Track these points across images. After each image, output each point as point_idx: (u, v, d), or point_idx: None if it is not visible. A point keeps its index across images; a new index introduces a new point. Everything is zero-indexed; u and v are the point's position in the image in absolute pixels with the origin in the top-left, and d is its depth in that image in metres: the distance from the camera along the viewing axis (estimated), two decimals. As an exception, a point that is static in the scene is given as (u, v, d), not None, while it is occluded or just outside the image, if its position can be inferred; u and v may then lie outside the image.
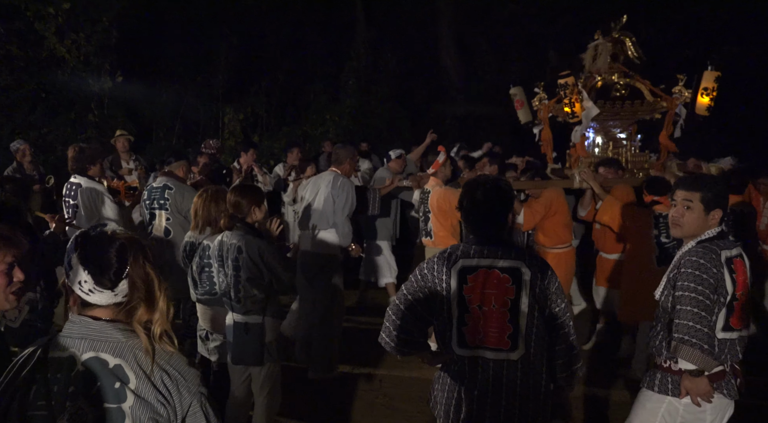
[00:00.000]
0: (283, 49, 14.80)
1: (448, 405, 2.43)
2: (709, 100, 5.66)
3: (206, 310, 3.85)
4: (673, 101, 5.74)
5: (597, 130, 6.09)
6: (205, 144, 7.42)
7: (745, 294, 2.63)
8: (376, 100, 14.70)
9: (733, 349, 2.62)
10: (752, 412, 3.95)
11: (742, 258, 2.65)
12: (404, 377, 4.98)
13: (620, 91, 5.87)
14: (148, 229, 5.08)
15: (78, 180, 5.14)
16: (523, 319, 2.33)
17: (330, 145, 10.69)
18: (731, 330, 2.61)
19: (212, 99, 13.63)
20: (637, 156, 5.98)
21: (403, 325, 2.43)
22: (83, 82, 10.76)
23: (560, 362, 2.42)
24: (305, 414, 4.39)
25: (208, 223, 3.86)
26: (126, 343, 1.58)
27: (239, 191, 3.58)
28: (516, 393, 2.34)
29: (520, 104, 6.24)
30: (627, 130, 6.07)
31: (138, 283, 1.60)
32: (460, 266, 2.38)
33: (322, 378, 4.95)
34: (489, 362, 2.36)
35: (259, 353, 3.45)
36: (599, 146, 6.09)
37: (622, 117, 5.94)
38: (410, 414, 4.38)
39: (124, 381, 1.55)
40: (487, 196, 2.42)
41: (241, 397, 3.67)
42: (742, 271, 2.62)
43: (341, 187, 5.04)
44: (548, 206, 5.32)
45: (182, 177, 5.22)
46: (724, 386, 2.60)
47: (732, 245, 2.66)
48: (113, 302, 1.60)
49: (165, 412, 1.58)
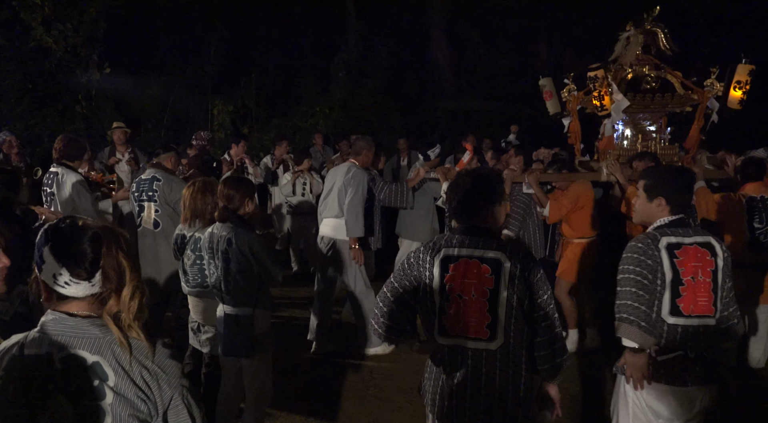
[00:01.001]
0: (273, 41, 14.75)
1: (434, 393, 2.46)
2: (742, 94, 5.60)
3: (197, 302, 3.85)
4: (704, 94, 5.68)
5: (626, 122, 6.01)
6: (197, 135, 7.38)
7: (704, 281, 2.64)
8: (367, 92, 14.69)
9: (690, 335, 2.64)
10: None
11: (705, 247, 2.67)
12: (394, 368, 5.00)
13: (651, 83, 5.80)
14: (137, 221, 5.06)
15: (57, 169, 5.10)
16: (503, 310, 2.34)
17: (320, 138, 10.69)
18: (682, 315, 2.63)
19: (202, 91, 13.57)
20: (666, 149, 5.91)
21: (391, 313, 2.45)
22: (71, 74, 10.67)
23: (542, 354, 2.39)
24: (296, 405, 4.40)
25: (197, 215, 3.84)
26: (103, 338, 1.56)
27: (232, 183, 3.56)
28: (495, 382, 2.36)
29: (549, 95, 6.18)
30: (657, 122, 6.00)
31: (110, 273, 1.56)
32: (442, 255, 2.41)
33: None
34: (468, 351, 2.38)
35: (249, 345, 3.45)
36: (628, 139, 6.02)
37: (653, 110, 5.87)
38: (400, 405, 4.40)
39: (103, 378, 1.53)
40: (471, 187, 2.45)
41: (232, 389, 3.68)
42: (693, 258, 2.64)
43: (353, 178, 5.17)
44: (575, 200, 5.29)
45: (171, 168, 5.20)
46: (684, 373, 2.63)
47: (693, 233, 2.70)
48: (90, 293, 1.57)
49: (145, 408, 1.56)
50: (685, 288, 2.62)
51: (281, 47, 14.75)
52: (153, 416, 1.58)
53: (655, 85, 5.79)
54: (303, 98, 14.36)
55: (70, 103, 10.87)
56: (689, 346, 2.63)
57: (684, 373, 2.63)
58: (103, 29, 10.90)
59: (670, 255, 2.64)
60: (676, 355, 2.64)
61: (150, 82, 12.86)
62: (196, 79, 13.57)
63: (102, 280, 1.57)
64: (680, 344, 2.64)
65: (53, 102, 10.73)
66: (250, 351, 3.46)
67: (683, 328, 2.63)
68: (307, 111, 13.99)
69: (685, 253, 2.65)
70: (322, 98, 14.15)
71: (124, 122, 8.34)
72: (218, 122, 13.22)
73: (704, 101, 5.71)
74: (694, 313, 2.63)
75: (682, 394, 2.65)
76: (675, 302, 2.63)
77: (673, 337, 2.64)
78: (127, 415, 1.53)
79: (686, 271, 2.63)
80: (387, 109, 14.87)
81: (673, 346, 2.64)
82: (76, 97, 10.92)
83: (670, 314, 2.63)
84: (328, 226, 5.36)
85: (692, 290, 2.62)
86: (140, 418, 1.56)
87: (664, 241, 2.66)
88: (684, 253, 2.65)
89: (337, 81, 14.51)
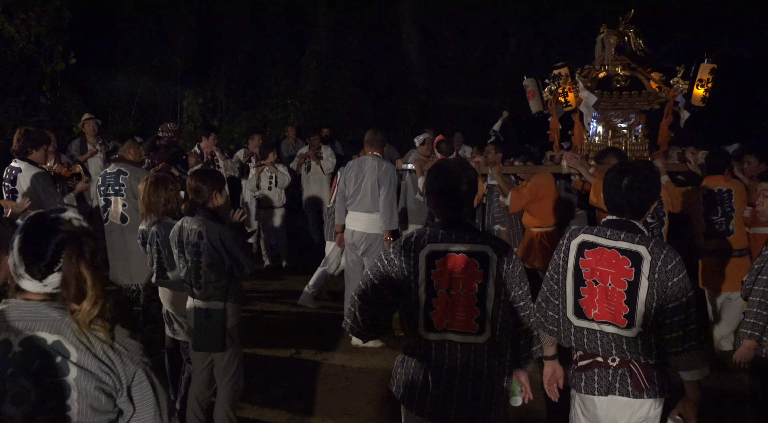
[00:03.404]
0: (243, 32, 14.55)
1: (413, 388, 2.44)
2: (704, 92, 5.91)
3: (165, 291, 3.85)
4: (671, 92, 5.97)
5: (599, 119, 6.31)
6: (162, 127, 7.29)
7: (614, 289, 2.40)
8: (338, 84, 14.60)
9: (602, 342, 2.44)
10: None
11: (627, 255, 2.39)
12: (367, 362, 5.01)
13: (621, 82, 6.06)
14: (103, 215, 4.97)
15: (18, 164, 4.97)
16: (490, 303, 2.36)
17: (293, 131, 10.61)
18: (586, 318, 2.46)
19: (170, 82, 13.32)
20: (636, 145, 6.20)
21: (370, 309, 2.42)
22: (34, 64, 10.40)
23: (522, 343, 2.49)
24: (268, 399, 4.38)
25: (150, 209, 3.84)
26: (62, 320, 1.59)
27: (200, 176, 3.53)
28: (483, 375, 2.38)
29: (532, 95, 6.50)
30: (628, 120, 6.26)
31: (70, 280, 1.58)
32: (428, 251, 2.38)
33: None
34: (456, 345, 2.38)
35: (221, 339, 3.42)
36: (600, 135, 6.31)
37: (622, 107, 6.15)
38: (373, 398, 4.42)
39: (65, 355, 1.56)
40: (453, 180, 2.41)
41: (203, 383, 3.65)
42: (606, 263, 2.42)
43: (386, 173, 5.32)
44: (536, 191, 5.56)
45: (134, 160, 5.11)
46: (604, 381, 2.45)
47: (625, 238, 2.42)
48: (42, 292, 1.60)
49: (110, 381, 1.59)
50: (586, 289, 2.46)
51: (251, 38, 14.55)
52: (118, 390, 1.61)
53: (625, 84, 6.03)
54: (274, 90, 14.21)
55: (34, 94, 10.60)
56: (602, 351, 2.44)
57: (603, 380, 2.44)
58: (68, 19, 10.62)
59: (578, 253, 2.49)
60: (593, 361, 2.47)
61: (117, 73, 12.60)
62: (165, 70, 13.32)
63: (60, 284, 1.59)
64: (593, 350, 2.46)
65: (16, 93, 10.45)
66: (222, 345, 3.43)
67: (590, 332, 2.47)
68: (278, 103, 13.87)
69: (598, 254, 2.45)
70: (293, 91, 14.03)
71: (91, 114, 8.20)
72: (188, 114, 13.01)
73: (671, 99, 5.98)
74: (598, 319, 2.43)
75: (607, 403, 2.46)
76: (578, 302, 2.48)
77: (581, 341, 2.49)
78: (93, 388, 1.57)
79: (590, 272, 2.45)
80: (359, 102, 14.82)
81: (587, 352, 2.48)
82: (40, 88, 10.66)
83: (574, 315, 2.50)
84: (361, 221, 5.44)
85: (595, 294, 2.43)
86: (106, 391, 1.59)
87: (580, 238, 2.51)
88: (596, 254, 2.45)
89: (308, 73, 14.39)
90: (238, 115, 13.65)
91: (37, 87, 10.63)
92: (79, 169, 5.65)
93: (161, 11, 13.21)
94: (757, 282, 2.98)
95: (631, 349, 2.41)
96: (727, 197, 5.07)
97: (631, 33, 6.15)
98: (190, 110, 13.02)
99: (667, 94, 6.02)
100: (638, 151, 6.14)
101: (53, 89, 10.91)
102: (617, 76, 6.07)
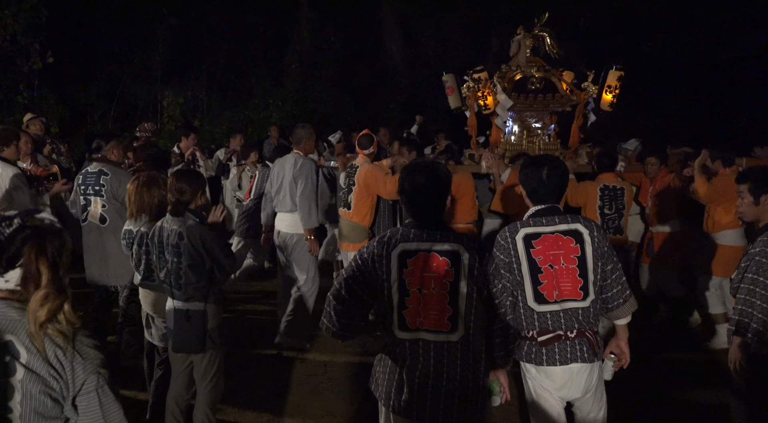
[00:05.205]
0: (224, 31, 14.44)
1: (390, 387, 2.45)
2: (612, 97, 6.26)
3: (147, 294, 3.79)
4: (582, 95, 6.28)
5: (514, 119, 6.61)
6: (140, 127, 7.21)
7: (567, 267, 2.65)
8: (320, 84, 14.56)
9: (562, 319, 2.64)
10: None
11: (569, 235, 2.67)
12: (349, 362, 5.01)
13: (536, 84, 6.32)
14: (82, 215, 4.90)
15: None
16: (463, 301, 2.37)
17: (276, 130, 10.56)
18: (547, 302, 2.65)
19: (150, 81, 13.20)
20: (549, 144, 6.52)
21: (345, 309, 2.43)
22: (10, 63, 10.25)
23: (497, 341, 2.50)
24: (249, 400, 4.36)
25: (142, 210, 3.78)
26: (20, 321, 1.58)
27: (184, 177, 3.49)
28: (456, 373, 2.39)
29: (451, 90, 6.61)
30: (542, 120, 6.57)
31: (29, 276, 1.59)
32: (399, 250, 2.39)
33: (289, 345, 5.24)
34: (430, 344, 2.40)
35: (201, 340, 3.39)
36: (515, 134, 6.62)
37: (537, 109, 6.43)
38: (355, 398, 4.41)
39: (14, 355, 1.55)
40: (429, 180, 2.43)
41: (183, 385, 3.62)
42: (553, 246, 2.66)
43: (301, 169, 5.17)
44: (455, 189, 5.53)
45: (117, 161, 5.05)
46: (564, 352, 2.65)
47: (559, 221, 2.70)
48: (3, 288, 1.60)
49: (57, 386, 1.58)
50: (544, 276, 2.65)
51: (232, 37, 14.45)
52: (65, 397, 1.59)
53: (540, 86, 6.34)
54: (255, 90, 14.14)
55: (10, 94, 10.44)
56: (564, 327, 2.64)
57: (563, 352, 2.65)
58: (45, 17, 10.46)
59: (527, 245, 2.67)
60: (554, 335, 2.65)
61: (96, 71, 12.46)
62: (145, 70, 13.19)
63: (21, 282, 1.59)
64: (555, 328, 2.65)
65: (-9, 92, 10.30)
66: (202, 346, 3.41)
67: (553, 313, 2.65)
68: (260, 103, 13.80)
69: (544, 241, 2.67)
70: (274, 90, 13.97)
71: (69, 113, 8.05)
72: (168, 114, 12.91)
73: (582, 102, 6.34)
74: (560, 298, 2.64)
75: (565, 372, 2.66)
76: (537, 290, 2.65)
77: (546, 324, 2.66)
78: (38, 391, 1.55)
79: (544, 259, 2.66)
80: (341, 102, 14.78)
81: (548, 330, 2.65)
82: (17, 88, 10.49)
83: (536, 302, 2.66)
84: (284, 221, 5.28)
85: (553, 277, 2.64)
86: (52, 396, 1.57)
87: (522, 233, 2.69)
88: (542, 242, 2.67)
89: (289, 73, 14.33)
90: (220, 114, 13.57)
91: (14, 86, 10.46)
92: (56, 169, 5.57)
93: (141, 9, 13.08)
94: (744, 280, 3.03)
95: (585, 318, 2.66)
96: (620, 194, 5.33)
97: (547, 35, 6.45)
98: (170, 110, 12.92)
99: (578, 98, 6.33)
100: (551, 150, 6.41)
101: (30, 88, 10.75)
102: (533, 77, 6.32)
